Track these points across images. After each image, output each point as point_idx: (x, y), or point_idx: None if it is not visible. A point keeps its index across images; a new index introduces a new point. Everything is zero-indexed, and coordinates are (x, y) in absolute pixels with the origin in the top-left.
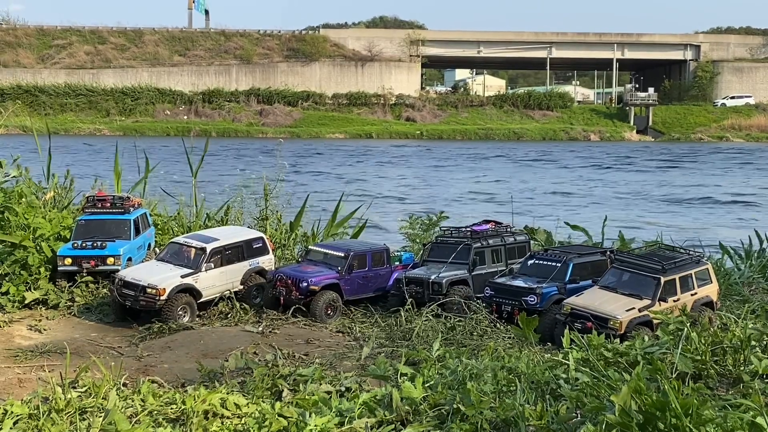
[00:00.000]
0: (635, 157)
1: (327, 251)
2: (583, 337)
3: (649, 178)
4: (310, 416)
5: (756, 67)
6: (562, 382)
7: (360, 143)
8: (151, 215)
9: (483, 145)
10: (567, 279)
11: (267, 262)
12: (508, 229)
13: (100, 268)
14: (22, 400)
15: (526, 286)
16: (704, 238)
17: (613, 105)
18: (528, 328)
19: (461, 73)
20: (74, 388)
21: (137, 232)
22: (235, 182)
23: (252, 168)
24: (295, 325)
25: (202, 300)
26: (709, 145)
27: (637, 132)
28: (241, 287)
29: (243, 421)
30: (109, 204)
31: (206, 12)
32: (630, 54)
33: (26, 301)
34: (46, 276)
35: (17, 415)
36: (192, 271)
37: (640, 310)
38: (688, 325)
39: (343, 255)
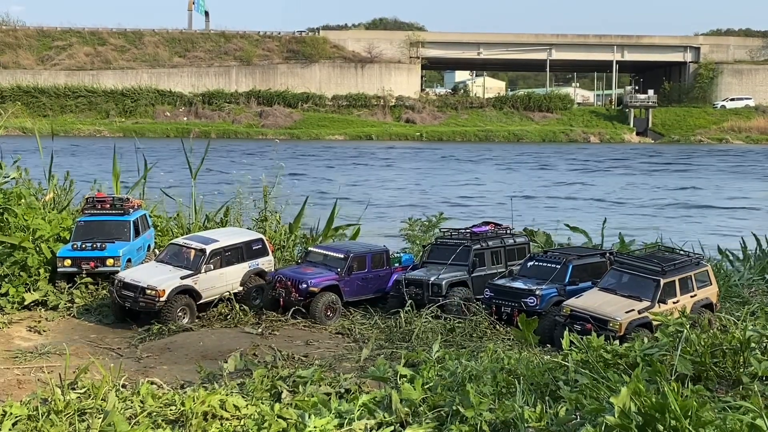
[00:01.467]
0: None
1: (326, 253)
2: (582, 338)
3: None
4: (309, 418)
5: (756, 69)
6: (561, 384)
7: (359, 145)
8: (150, 216)
9: (481, 147)
10: (566, 281)
11: (266, 263)
12: (508, 231)
13: (100, 269)
14: (21, 401)
15: (526, 287)
16: (691, 241)
17: (613, 107)
18: (528, 329)
19: (461, 75)
20: (73, 389)
21: (137, 233)
22: (234, 183)
23: (251, 169)
24: (295, 327)
25: (201, 301)
26: (710, 146)
27: (637, 134)
28: (241, 288)
29: (242, 423)
30: (108, 205)
31: (206, 13)
32: (630, 56)
33: (26, 303)
34: (45, 277)
35: (16, 416)
36: (191, 272)
37: (639, 312)
38: (688, 326)
39: (342, 256)
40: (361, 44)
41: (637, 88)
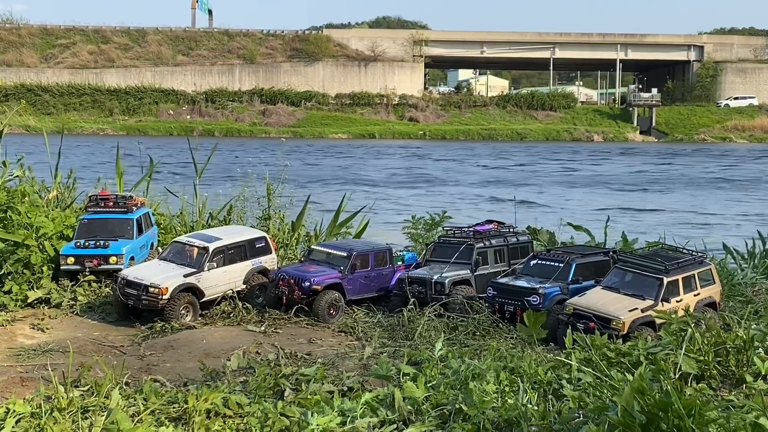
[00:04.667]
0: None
1: (329, 251)
2: (585, 337)
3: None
4: (312, 416)
5: (759, 68)
6: (564, 382)
7: (361, 143)
8: (153, 214)
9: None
10: (570, 279)
11: (269, 261)
12: (511, 230)
13: (103, 267)
14: (24, 398)
15: (529, 286)
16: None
17: (617, 106)
18: (535, 325)
19: (464, 74)
20: (76, 387)
21: (140, 231)
22: (237, 182)
23: (254, 168)
24: (298, 325)
25: (204, 299)
26: (713, 146)
27: (641, 133)
28: (244, 287)
29: (245, 421)
30: (111, 203)
31: (209, 12)
32: (633, 55)
33: (29, 300)
34: (48, 275)
35: (19, 414)
36: (195, 270)
37: (642, 311)
38: (692, 325)
39: (345, 255)
40: (365, 43)
41: (640, 86)
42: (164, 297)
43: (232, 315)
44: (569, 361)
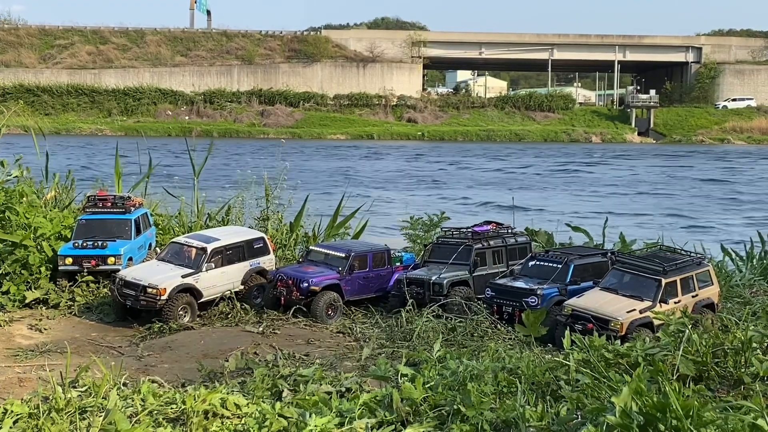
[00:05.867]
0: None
1: (328, 252)
2: (584, 338)
3: None
4: (310, 416)
5: (758, 69)
6: (562, 383)
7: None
8: (152, 215)
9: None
10: (568, 280)
11: (268, 262)
12: (509, 231)
13: (101, 267)
14: (22, 399)
15: (527, 287)
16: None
17: (615, 107)
18: (535, 322)
19: (463, 75)
20: (74, 387)
21: (138, 231)
22: (236, 182)
23: (253, 168)
24: (296, 326)
25: (202, 300)
26: (710, 147)
27: (639, 134)
28: (242, 287)
29: (243, 421)
30: (110, 204)
31: (208, 12)
32: (632, 56)
33: (27, 301)
34: (46, 275)
35: (17, 414)
36: (193, 271)
37: (641, 312)
38: (690, 326)
39: (344, 255)
40: (363, 44)
41: (638, 88)
42: (162, 297)
43: (230, 316)
44: (567, 362)
